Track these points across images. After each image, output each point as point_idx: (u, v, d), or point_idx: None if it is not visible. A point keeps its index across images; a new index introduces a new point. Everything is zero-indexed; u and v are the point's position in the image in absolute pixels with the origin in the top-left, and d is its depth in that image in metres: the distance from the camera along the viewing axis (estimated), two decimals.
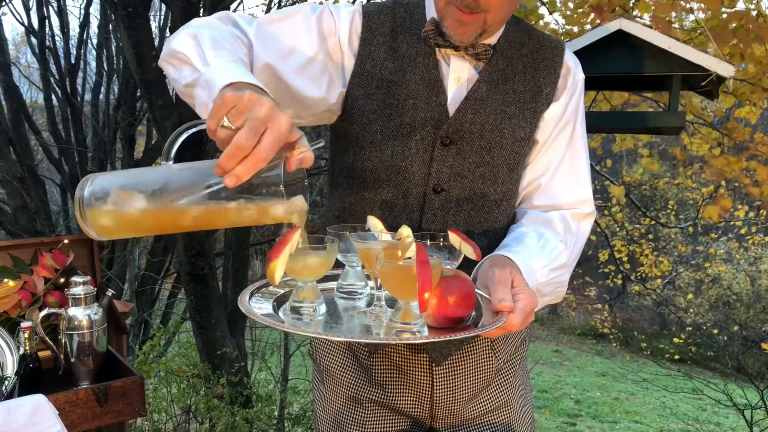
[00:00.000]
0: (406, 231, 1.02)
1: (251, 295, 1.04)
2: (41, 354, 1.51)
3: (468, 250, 1.00)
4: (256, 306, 1.00)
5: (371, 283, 1.09)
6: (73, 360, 1.48)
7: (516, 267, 1.06)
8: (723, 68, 2.18)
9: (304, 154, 0.83)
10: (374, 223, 1.09)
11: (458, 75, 1.20)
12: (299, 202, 0.87)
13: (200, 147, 4.38)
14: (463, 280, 0.94)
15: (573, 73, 1.27)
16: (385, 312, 0.98)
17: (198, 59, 0.99)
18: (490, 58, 1.20)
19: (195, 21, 1.11)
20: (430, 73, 1.19)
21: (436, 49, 1.19)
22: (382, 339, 0.87)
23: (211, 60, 0.97)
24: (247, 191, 0.83)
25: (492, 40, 1.21)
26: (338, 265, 1.04)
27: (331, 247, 0.97)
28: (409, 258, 0.93)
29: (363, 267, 1.08)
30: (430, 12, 1.21)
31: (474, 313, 0.98)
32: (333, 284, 1.11)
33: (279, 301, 1.05)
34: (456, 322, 0.94)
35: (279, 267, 0.88)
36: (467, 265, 1.06)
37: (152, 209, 0.86)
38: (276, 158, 0.81)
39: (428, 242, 1.06)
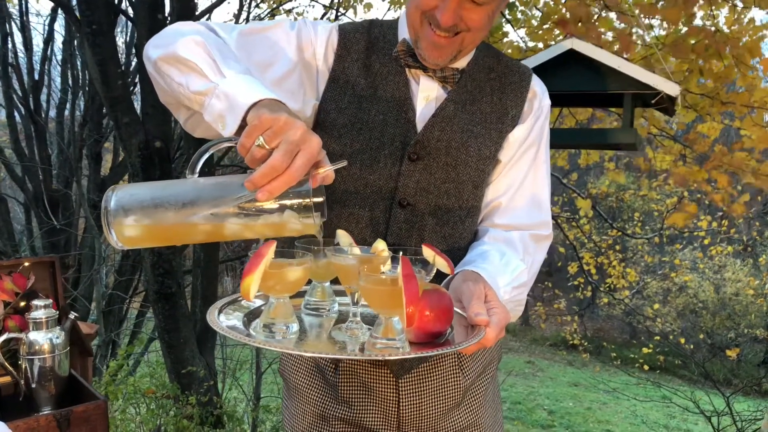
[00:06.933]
0: (381, 245, 1.01)
1: (220, 310, 1.02)
2: (0, 380, 1.47)
3: (442, 264, 1.00)
4: (227, 322, 0.97)
5: (340, 299, 1.08)
6: (34, 385, 1.44)
7: (486, 282, 1.06)
8: (669, 87, 2.27)
9: (327, 173, 0.90)
10: (343, 236, 1.09)
11: (427, 94, 1.23)
12: (320, 215, 0.92)
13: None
14: (442, 294, 0.94)
15: (539, 98, 1.30)
16: (361, 328, 0.97)
17: (210, 70, 1.01)
18: (458, 81, 1.23)
19: (184, 26, 1.12)
20: (400, 91, 1.22)
21: (407, 69, 1.22)
22: (370, 355, 0.87)
23: (224, 71, 1.00)
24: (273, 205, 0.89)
25: (461, 64, 1.24)
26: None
27: (306, 262, 0.96)
28: (383, 273, 0.93)
29: (331, 283, 1.07)
30: (403, 33, 1.24)
31: (451, 328, 0.98)
32: (299, 300, 1.09)
33: (250, 317, 1.02)
34: (434, 337, 0.94)
35: (254, 282, 0.87)
36: (435, 278, 1.06)
37: (182, 221, 0.89)
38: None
39: (399, 255, 1.06)
